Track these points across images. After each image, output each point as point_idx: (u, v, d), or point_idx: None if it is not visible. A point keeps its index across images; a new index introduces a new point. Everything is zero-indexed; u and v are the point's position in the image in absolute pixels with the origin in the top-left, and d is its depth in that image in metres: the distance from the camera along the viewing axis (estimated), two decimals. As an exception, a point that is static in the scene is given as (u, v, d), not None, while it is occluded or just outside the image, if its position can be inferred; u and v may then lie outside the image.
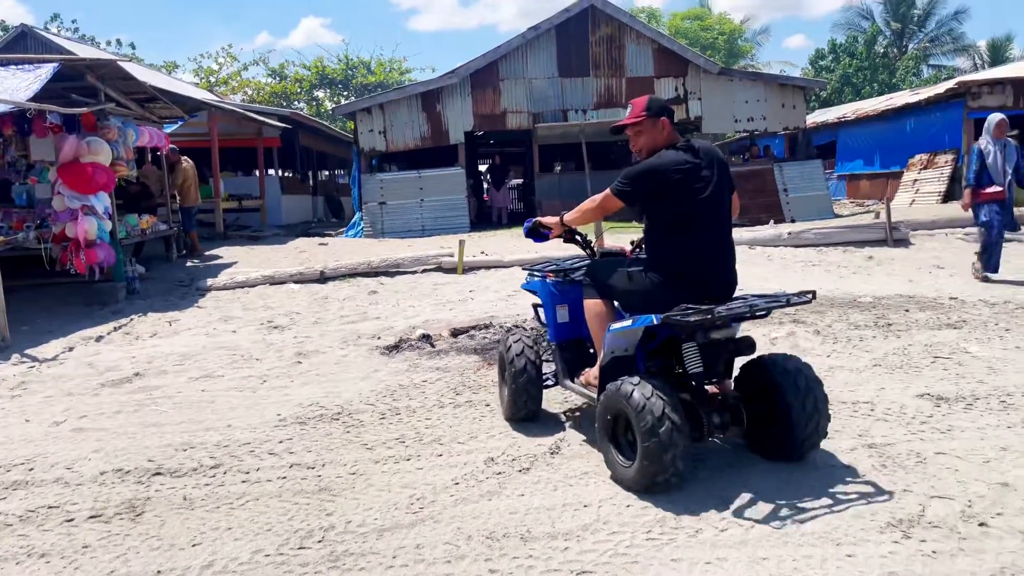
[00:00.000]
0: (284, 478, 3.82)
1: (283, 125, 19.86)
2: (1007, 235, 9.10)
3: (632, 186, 3.69)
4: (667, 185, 3.59)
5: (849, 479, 3.54)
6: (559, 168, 22.48)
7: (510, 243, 14.33)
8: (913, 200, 20.40)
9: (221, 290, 9.93)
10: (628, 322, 3.56)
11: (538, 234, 4.20)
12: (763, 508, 3.27)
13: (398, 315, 8.08)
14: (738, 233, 14.08)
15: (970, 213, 9.12)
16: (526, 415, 4.38)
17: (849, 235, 12.43)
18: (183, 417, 4.86)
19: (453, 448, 4.15)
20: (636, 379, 3.38)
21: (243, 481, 3.80)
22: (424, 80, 20.37)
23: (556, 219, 4.13)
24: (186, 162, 13.52)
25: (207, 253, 13.20)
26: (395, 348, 6.44)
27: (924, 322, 6.70)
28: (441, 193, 17.85)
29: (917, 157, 21.52)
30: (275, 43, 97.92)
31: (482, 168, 26.14)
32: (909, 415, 4.35)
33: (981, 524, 3.07)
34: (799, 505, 3.28)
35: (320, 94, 43.47)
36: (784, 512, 3.22)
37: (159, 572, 2.95)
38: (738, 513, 3.23)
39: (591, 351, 4.24)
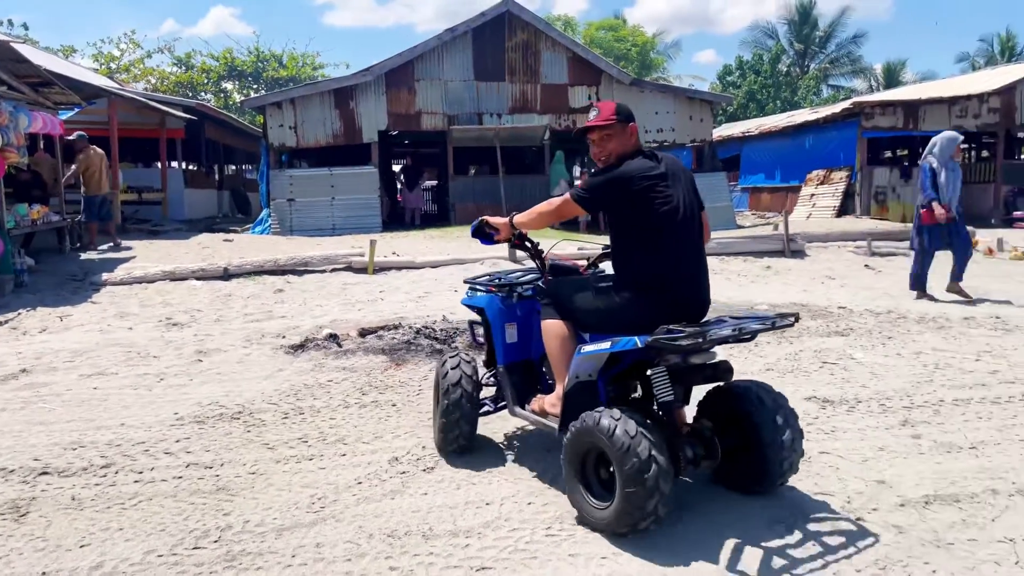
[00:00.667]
0: (180, 478, 3.72)
1: (188, 116, 19.20)
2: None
3: (594, 193, 3.43)
4: (635, 193, 3.31)
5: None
6: (474, 171, 22.55)
7: (422, 244, 14.29)
8: (810, 214, 21.40)
9: (117, 285, 9.54)
10: (605, 344, 3.18)
11: (484, 234, 3.78)
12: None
13: (305, 314, 7.95)
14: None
15: (862, 226, 9.39)
16: (456, 449, 3.91)
17: (750, 245, 12.95)
18: (73, 415, 4.65)
19: (357, 448, 4.13)
20: (616, 413, 3.01)
21: (136, 481, 3.68)
22: (338, 76, 20.07)
23: (505, 220, 3.71)
24: (93, 150, 12.91)
25: (100, 247, 12.62)
26: (300, 347, 6.34)
27: (815, 329, 7.06)
28: (353, 192, 17.63)
29: (814, 173, 22.59)
30: (182, 31, 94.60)
31: (396, 168, 25.94)
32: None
33: (858, 519, 3.27)
34: (685, 497, 3.42)
35: (229, 86, 42.17)
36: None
37: (44, 573, 2.83)
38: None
39: (543, 373, 3.89)
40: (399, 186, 23.77)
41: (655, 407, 3.37)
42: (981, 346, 6.36)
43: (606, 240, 3.77)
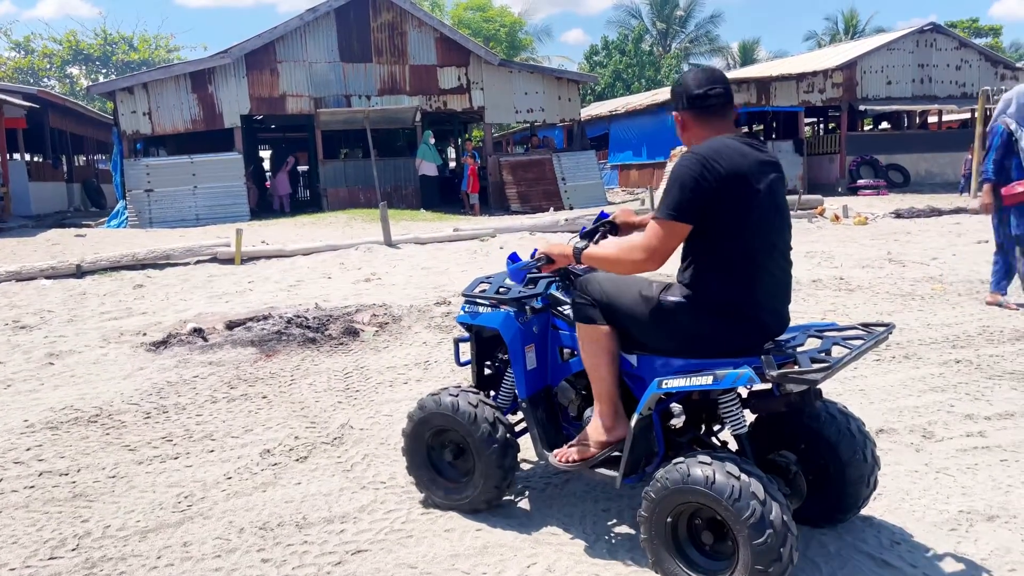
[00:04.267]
0: (32, 487, 3.50)
1: (28, 104, 17.88)
2: None
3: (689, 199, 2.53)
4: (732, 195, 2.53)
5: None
6: (345, 154, 22.10)
7: (293, 232, 13.93)
8: (675, 188, 22.27)
9: (-45, 288, 8.79)
10: (704, 379, 2.48)
11: (522, 275, 3.04)
12: (537, 480, 3.49)
13: (168, 309, 7.60)
14: (519, 220, 14.74)
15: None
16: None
17: (618, 220, 13.34)
18: (-95, 431, 4.28)
19: (226, 443, 4.02)
20: (706, 458, 2.45)
21: (-18, 494, 3.44)
22: (195, 59, 19.15)
23: (569, 247, 2.84)
24: None
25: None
26: (163, 344, 6.07)
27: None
28: (217, 180, 16.93)
29: (677, 149, 23.44)
30: (19, 14, 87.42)
31: (264, 154, 25.09)
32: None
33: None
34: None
35: (74, 71, 39.49)
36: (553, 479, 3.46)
37: None
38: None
39: (562, 402, 3.12)
40: (267, 173, 23.03)
41: (716, 439, 2.95)
42: (827, 305, 6.84)
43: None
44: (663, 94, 27.14)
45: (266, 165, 26.25)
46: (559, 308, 3.10)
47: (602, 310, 2.79)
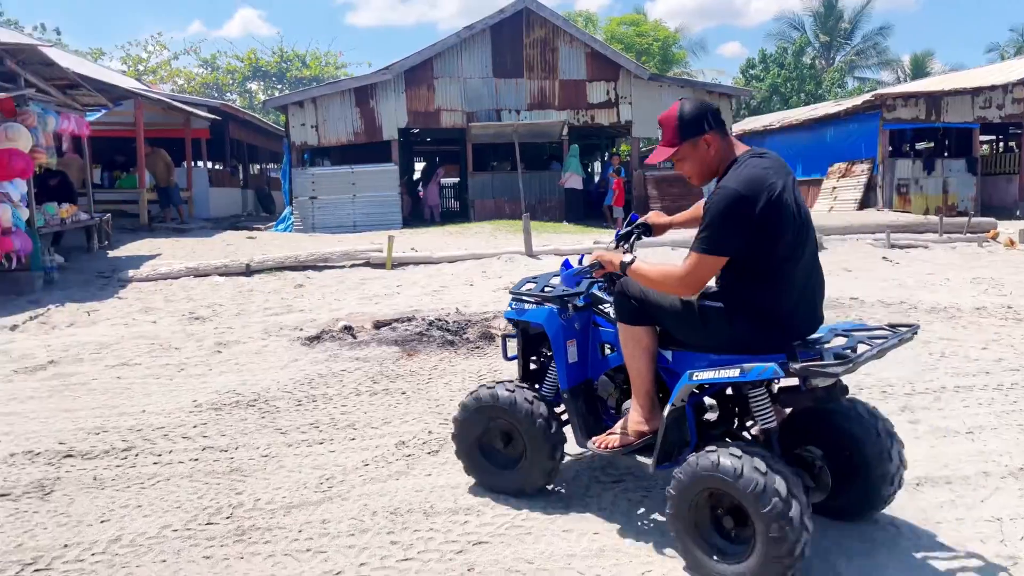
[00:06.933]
0: (196, 460, 3.90)
1: (212, 116, 19.54)
2: None
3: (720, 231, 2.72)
4: (759, 215, 2.70)
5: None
6: (494, 167, 22.68)
7: (440, 240, 14.46)
8: (832, 207, 21.28)
9: (143, 281, 9.80)
10: (732, 372, 2.70)
11: (575, 280, 3.41)
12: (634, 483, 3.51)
13: (323, 308, 8.14)
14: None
15: (882, 219, 8.43)
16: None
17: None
18: (97, 403, 4.86)
19: (366, 432, 4.29)
20: (737, 451, 2.63)
21: (155, 463, 3.86)
22: (358, 75, 20.30)
23: (619, 258, 3.03)
24: (157, 151, 16.47)
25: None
26: (316, 339, 6.52)
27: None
28: (374, 189, 17.85)
29: (836, 166, 22.44)
30: (208, 34, 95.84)
31: (418, 166, 26.17)
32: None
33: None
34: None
35: (253, 86, 42.78)
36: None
37: (66, 545, 3.02)
38: (619, 483, 3.47)
39: (602, 395, 3.35)
40: (420, 183, 24.01)
41: (747, 433, 3.09)
42: (990, 335, 6.37)
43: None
44: (822, 108, 26.02)
45: (416, 176, 27.36)
46: (600, 307, 3.33)
47: (642, 310, 3.00)
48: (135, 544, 3.03)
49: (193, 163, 20.54)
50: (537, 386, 3.51)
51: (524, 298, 3.48)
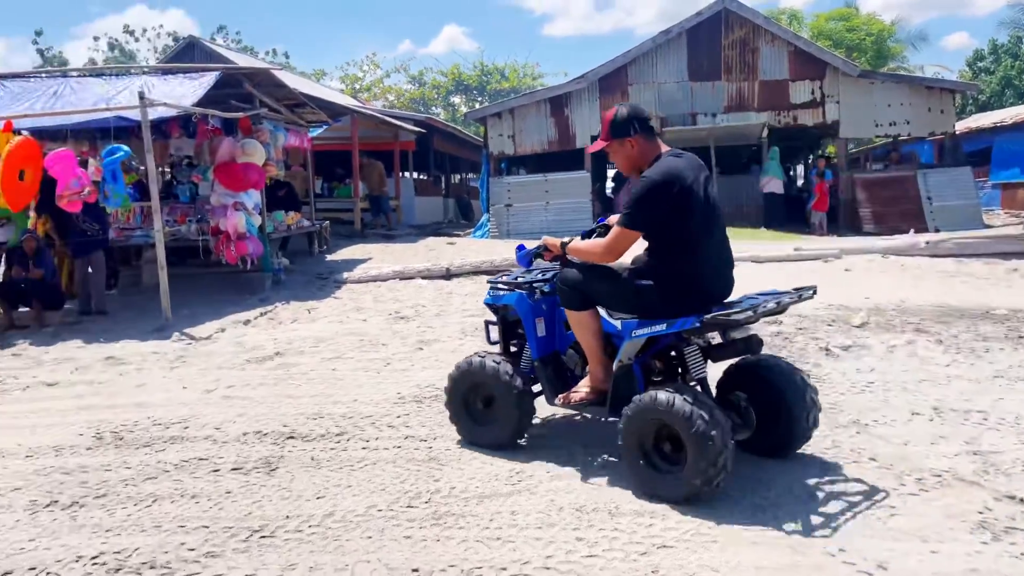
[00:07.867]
0: (399, 447, 4.20)
1: (418, 130, 20.73)
2: None
3: (640, 209, 3.51)
4: (675, 197, 3.45)
5: (943, 483, 3.53)
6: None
7: (632, 246, 14.40)
8: (1077, 211, 18.87)
9: (355, 283, 10.62)
10: (660, 326, 3.45)
11: (527, 259, 4.25)
12: (843, 505, 3.34)
13: (516, 311, 8.40)
14: (871, 241, 13.62)
15: None
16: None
17: (993, 246, 11.73)
18: (315, 391, 5.37)
19: (555, 430, 4.40)
20: (671, 389, 3.33)
21: (363, 448, 4.21)
22: (553, 85, 20.72)
23: (559, 240, 3.94)
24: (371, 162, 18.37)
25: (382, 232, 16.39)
26: (510, 340, 6.76)
27: (1061, 336, 6.35)
28: (566, 196, 18.14)
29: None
30: (416, 51, 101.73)
31: (610, 172, 26.24)
32: (1024, 426, 4.23)
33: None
34: (887, 503, 3.33)
35: (456, 100, 44.88)
36: (874, 510, 3.29)
37: (287, 517, 3.37)
38: (808, 509, 3.33)
39: (569, 365, 4.11)
40: (610, 189, 24.06)
41: (688, 383, 3.64)
42: None
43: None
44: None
45: (609, 184, 27.43)
46: None
47: (584, 296, 3.69)
48: (345, 520, 3.33)
49: (400, 173, 21.91)
50: (518, 364, 4.15)
51: (499, 286, 4.21)
